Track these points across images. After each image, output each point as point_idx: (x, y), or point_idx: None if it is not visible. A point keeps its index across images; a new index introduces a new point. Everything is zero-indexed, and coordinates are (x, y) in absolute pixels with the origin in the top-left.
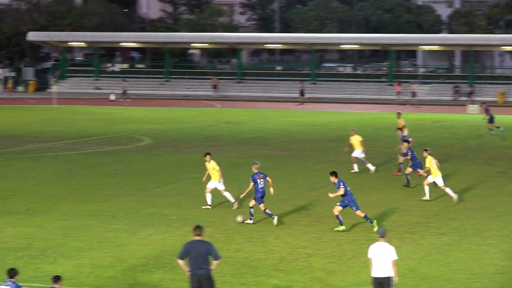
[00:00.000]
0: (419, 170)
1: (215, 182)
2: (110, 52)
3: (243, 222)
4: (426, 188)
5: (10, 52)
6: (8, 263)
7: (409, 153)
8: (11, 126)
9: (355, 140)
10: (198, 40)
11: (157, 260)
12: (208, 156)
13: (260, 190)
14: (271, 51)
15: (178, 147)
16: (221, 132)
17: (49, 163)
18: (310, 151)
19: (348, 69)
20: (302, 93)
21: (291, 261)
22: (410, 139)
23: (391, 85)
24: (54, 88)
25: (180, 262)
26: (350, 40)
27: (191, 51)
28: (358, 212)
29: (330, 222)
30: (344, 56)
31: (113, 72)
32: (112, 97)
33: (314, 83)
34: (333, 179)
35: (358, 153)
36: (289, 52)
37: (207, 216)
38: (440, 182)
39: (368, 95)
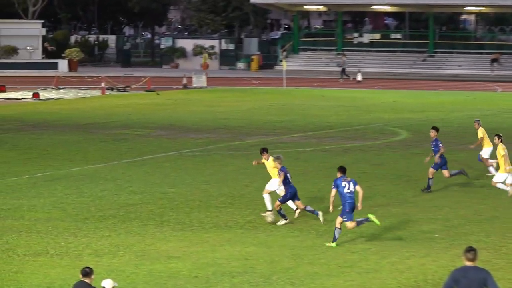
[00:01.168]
0: (444, 171)
1: (276, 181)
2: (358, 18)
3: (274, 223)
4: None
5: (229, 19)
6: None
7: (433, 146)
8: (228, 114)
9: (483, 134)
10: (473, 2)
11: None
12: (265, 153)
13: (291, 185)
14: None
15: (444, 143)
16: (502, 124)
17: None
18: None
19: None
20: None
21: None
22: None
23: None
24: (284, 65)
25: None
26: None
27: (464, 16)
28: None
29: None
30: None
31: (361, 44)
32: (359, 77)
33: None
34: (338, 175)
35: (487, 152)
36: None
37: (482, 236)
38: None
39: None
